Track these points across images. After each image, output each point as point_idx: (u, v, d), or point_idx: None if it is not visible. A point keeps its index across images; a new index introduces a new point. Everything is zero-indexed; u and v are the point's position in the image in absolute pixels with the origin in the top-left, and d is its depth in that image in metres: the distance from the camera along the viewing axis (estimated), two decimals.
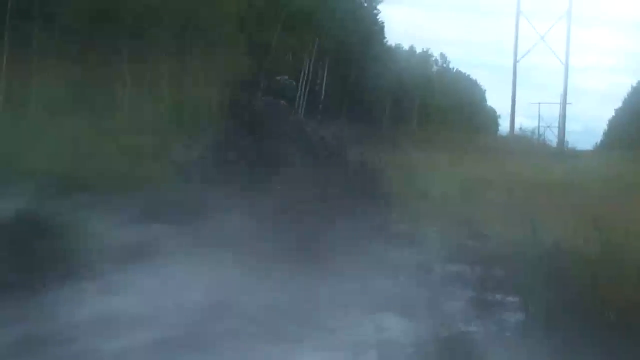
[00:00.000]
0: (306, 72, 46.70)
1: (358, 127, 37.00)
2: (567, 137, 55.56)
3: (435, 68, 79.61)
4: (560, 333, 6.53)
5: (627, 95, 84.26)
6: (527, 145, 51.10)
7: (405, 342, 6.72)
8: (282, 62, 41.21)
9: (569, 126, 52.95)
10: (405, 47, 71.04)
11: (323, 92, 48.86)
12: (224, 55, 33.81)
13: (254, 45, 39.02)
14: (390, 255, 9.42)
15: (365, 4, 56.40)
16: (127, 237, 9.26)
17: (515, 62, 52.63)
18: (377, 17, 58.20)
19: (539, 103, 74.79)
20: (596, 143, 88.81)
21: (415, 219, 11.79)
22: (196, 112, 28.64)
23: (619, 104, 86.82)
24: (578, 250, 8.46)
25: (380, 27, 59.17)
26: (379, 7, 57.91)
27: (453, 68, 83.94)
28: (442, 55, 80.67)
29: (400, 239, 10.41)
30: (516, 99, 53.32)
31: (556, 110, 56.91)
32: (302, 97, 45.37)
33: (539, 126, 74.82)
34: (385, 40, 61.33)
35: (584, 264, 7.84)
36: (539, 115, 75.57)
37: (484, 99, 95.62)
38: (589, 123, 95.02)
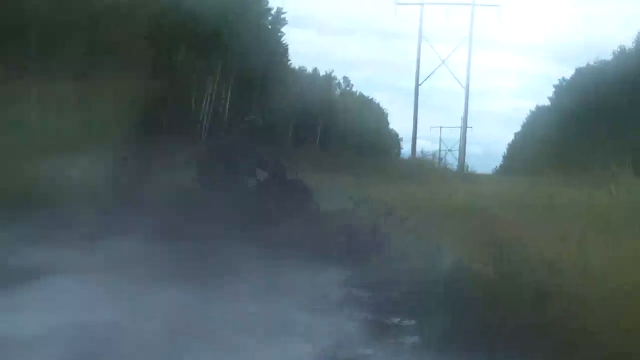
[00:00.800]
0: (210, 93, 46.57)
1: (261, 148, 36.99)
2: (468, 161, 56.59)
3: (338, 91, 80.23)
4: (454, 354, 6.67)
5: (526, 119, 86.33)
6: (428, 168, 51.83)
7: None
8: (187, 83, 41.06)
9: (470, 150, 54.00)
10: (309, 69, 71.54)
11: (227, 113, 48.75)
12: (132, 75, 33.51)
13: (160, 66, 38.80)
14: (284, 277, 9.45)
15: (270, 27, 56.56)
16: None
17: (417, 85, 53.49)
18: (281, 40, 58.44)
19: (441, 127, 75.92)
20: (496, 167, 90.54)
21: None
22: (97, 132, 28.23)
23: (518, 128, 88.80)
24: (477, 271, 8.65)
25: (284, 50, 59.41)
26: (283, 29, 58.19)
27: (356, 91, 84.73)
28: (345, 79, 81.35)
29: (291, 259, 10.46)
30: (418, 122, 54.13)
31: (457, 134, 57.86)
32: (205, 118, 45.23)
33: (440, 149, 76.07)
34: (289, 62, 61.64)
35: (483, 285, 8.03)
36: (440, 138, 76.83)
37: (386, 122, 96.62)
38: (489, 147, 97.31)
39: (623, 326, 5.79)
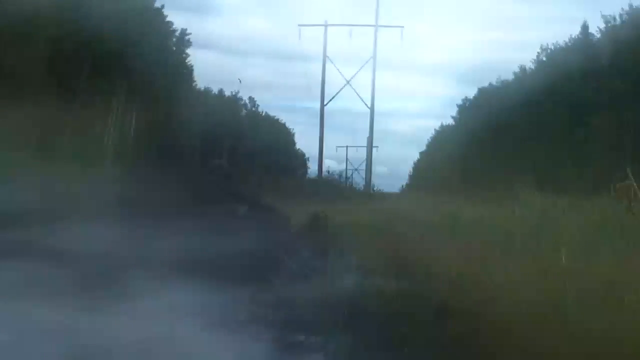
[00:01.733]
0: (115, 114, 46.04)
1: (166, 169, 36.82)
2: (375, 180, 57.01)
3: (244, 111, 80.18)
4: None
5: (431, 138, 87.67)
6: (335, 187, 52.08)
7: None
8: (91, 105, 40.55)
9: (376, 169, 54.48)
10: (215, 90, 71.37)
11: (132, 134, 48.25)
12: (30, 99, 32.92)
13: (62, 88, 38.26)
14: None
15: (174, 48, 56.29)
16: None
17: (322, 105, 53.83)
18: (186, 61, 58.22)
19: (347, 146, 76.35)
20: (402, 185, 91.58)
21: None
22: None
23: (423, 147, 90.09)
24: (381, 288, 8.73)
25: (189, 71, 59.20)
26: (187, 50, 57.98)
27: (262, 111, 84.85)
28: (251, 99, 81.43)
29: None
30: (324, 142, 54.39)
31: (364, 153, 58.30)
32: (109, 140, 44.69)
33: (346, 169, 76.53)
34: (194, 83, 61.42)
35: (386, 302, 8.11)
36: (347, 158, 77.34)
37: (293, 142, 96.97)
38: (395, 166, 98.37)
39: (518, 345, 5.93)
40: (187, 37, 57.26)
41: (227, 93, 75.02)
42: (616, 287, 7.28)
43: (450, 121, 79.85)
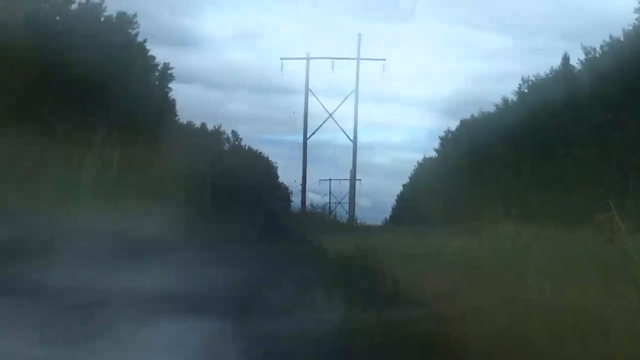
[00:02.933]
0: (97, 148, 45.94)
1: (150, 207, 36.76)
2: (358, 213, 56.99)
3: (227, 145, 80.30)
4: None
5: (414, 171, 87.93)
6: (318, 221, 52.13)
7: None
8: (71, 139, 40.42)
9: (359, 202, 54.50)
10: (197, 124, 71.50)
11: (113, 168, 48.13)
12: (10, 132, 32.84)
13: (41, 122, 38.18)
14: None
15: (157, 82, 56.45)
16: None
17: (305, 139, 53.94)
18: (168, 95, 58.39)
19: (330, 179, 76.48)
20: (385, 218, 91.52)
21: None
22: None
23: (406, 180, 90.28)
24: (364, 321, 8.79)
25: (172, 105, 59.32)
26: (170, 85, 58.16)
27: (245, 145, 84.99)
28: (234, 133, 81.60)
29: None
30: (307, 175, 54.44)
31: (347, 186, 58.39)
32: (88, 176, 44.55)
33: (330, 202, 76.58)
34: (176, 117, 61.53)
35: (369, 335, 8.16)
36: (330, 191, 77.42)
37: (276, 175, 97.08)
38: (378, 198, 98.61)
39: None
40: (169, 71, 57.50)
41: (210, 127, 75.26)
42: (587, 316, 7.30)
43: (433, 153, 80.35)
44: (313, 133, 54.66)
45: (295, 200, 75.66)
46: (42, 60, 38.67)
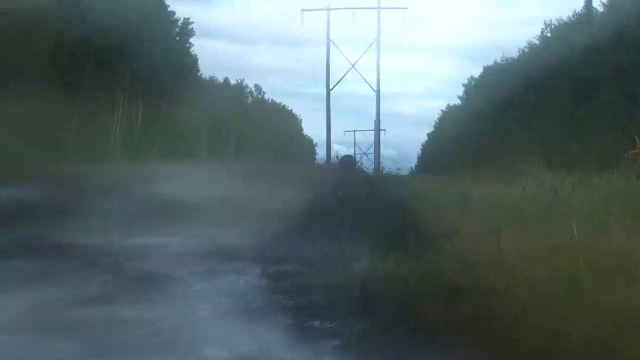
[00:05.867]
0: (121, 106, 46.16)
1: (174, 160, 36.87)
2: (383, 163, 56.80)
3: (250, 99, 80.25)
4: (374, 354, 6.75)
5: (438, 119, 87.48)
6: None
7: None
8: (96, 99, 40.62)
9: (385, 152, 54.25)
10: (220, 79, 71.41)
11: (140, 124, 48.35)
12: (35, 93, 32.98)
13: (66, 82, 38.36)
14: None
15: (178, 38, 56.29)
16: None
17: (329, 91, 53.58)
18: (190, 51, 58.25)
19: (355, 131, 76.07)
20: (412, 168, 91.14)
21: None
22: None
23: (431, 128, 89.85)
24: (393, 271, 8.75)
25: (194, 60, 59.20)
26: (191, 40, 57.98)
27: (269, 99, 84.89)
28: (257, 87, 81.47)
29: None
30: (332, 127, 54.17)
31: (372, 137, 58.09)
32: (117, 131, 44.80)
33: (355, 153, 76.28)
34: (199, 73, 61.45)
35: (399, 284, 8.12)
36: (355, 142, 77.10)
37: (300, 128, 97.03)
38: (404, 148, 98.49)
39: (532, 322, 5.93)
40: (190, 27, 57.32)
41: (233, 82, 75.17)
42: (629, 259, 7.26)
43: (457, 101, 79.88)
44: (336, 85, 54.19)
45: (321, 152, 75.73)
46: (62, 20, 38.65)
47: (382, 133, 54.70)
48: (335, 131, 58.62)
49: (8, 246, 11.63)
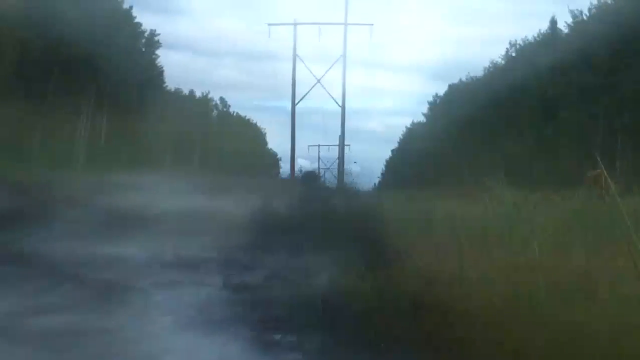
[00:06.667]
0: (86, 116, 45.90)
1: (138, 170, 36.64)
2: (347, 178, 56.76)
3: (215, 112, 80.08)
4: None
5: (402, 135, 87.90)
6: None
7: None
8: (61, 107, 40.39)
9: (348, 167, 54.24)
10: (185, 91, 71.25)
11: (103, 137, 48.13)
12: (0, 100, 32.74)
13: (31, 91, 38.12)
14: None
15: (144, 49, 56.14)
16: None
17: (294, 105, 53.56)
18: (156, 62, 58.11)
19: (319, 145, 76.05)
20: (375, 183, 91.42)
21: None
22: None
23: (395, 144, 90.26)
24: (355, 286, 8.74)
25: (160, 72, 59.07)
26: (157, 52, 57.87)
27: (233, 112, 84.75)
28: (222, 99, 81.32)
29: None
30: (296, 142, 54.14)
31: (336, 152, 58.13)
32: (79, 144, 44.50)
33: (319, 168, 76.21)
34: (164, 85, 61.31)
35: (361, 299, 8.13)
36: (319, 157, 77.09)
37: (264, 142, 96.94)
38: (367, 164, 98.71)
39: (491, 338, 5.97)
40: (156, 38, 57.20)
41: (198, 94, 75.03)
42: (589, 277, 7.33)
43: (422, 118, 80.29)
44: (301, 99, 54.17)
45: (284, 166, 75.60)
46: (28, 29, 38.40)
47: (346, 148, 54.80)
48: (299, 146, 58.64)
49: None
